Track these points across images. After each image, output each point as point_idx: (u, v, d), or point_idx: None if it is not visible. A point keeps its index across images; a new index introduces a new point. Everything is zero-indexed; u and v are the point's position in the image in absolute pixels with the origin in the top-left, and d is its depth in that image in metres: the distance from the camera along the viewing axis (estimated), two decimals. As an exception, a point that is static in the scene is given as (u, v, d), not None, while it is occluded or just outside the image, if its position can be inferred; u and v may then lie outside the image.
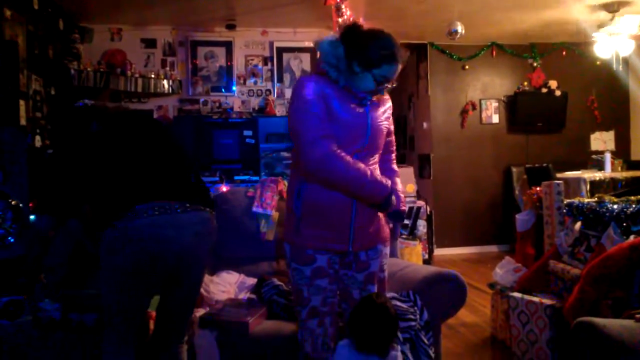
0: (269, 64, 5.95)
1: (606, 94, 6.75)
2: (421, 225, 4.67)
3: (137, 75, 5.33)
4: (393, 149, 2.07)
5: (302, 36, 5.98)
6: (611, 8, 5.04)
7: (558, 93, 6.60)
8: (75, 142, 1.98)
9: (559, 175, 5.22)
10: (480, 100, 6.68)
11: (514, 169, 6.54)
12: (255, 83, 5.91)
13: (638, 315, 1.94)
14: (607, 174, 5.41)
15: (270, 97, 5.86)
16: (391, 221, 2.00)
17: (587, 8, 5.15)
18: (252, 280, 2.71)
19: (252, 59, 5.93)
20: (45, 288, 2.24)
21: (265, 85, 5.93)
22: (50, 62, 4.49)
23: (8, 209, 2.32)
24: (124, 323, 1.82)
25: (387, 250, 2.03)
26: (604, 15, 5.21)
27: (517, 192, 5.91)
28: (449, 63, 6.59)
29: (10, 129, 2.56)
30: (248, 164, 4.26)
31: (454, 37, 5.05)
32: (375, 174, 1.83)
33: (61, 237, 2.19)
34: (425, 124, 6.75)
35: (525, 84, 6.68)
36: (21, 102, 3.67)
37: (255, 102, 5.88)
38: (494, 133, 6.70)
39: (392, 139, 2.05)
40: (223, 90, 5.85)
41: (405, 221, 4.60)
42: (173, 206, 1.78)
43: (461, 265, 5.71)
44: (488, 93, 6.70)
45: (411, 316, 2.20)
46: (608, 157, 5.58)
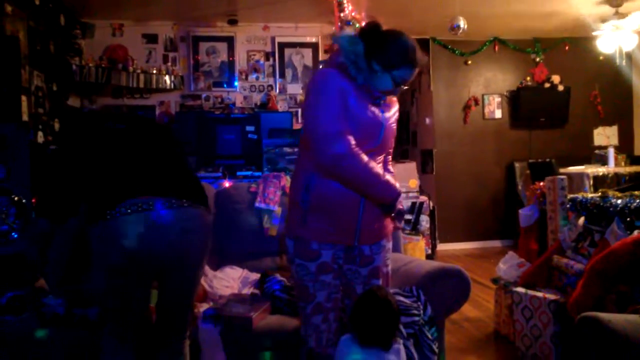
0: (271, 59, 5.93)
1: (609, 88, 6.73)
2: (424, 221, 4.67)
3: (139, 70, 5.32)
4: (391, 151, 2.07)
5: (304, 31, 5.96)
6: (614, 2, 5.02)
7: (561, 88, 6.58)
8: (70, 144, 1.97)
9: (562, 170, 5.21)
10: (482, 96, 6.66)
11: (516, 164, 6.52)
12: (257, 78, 5.90)
13: (643, 310, 1.93)
14: (611, 168, 5.40)
15: (272, 93, 5.85)
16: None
17: (591, 2, 5.12)
18: (256, 276, 2.71)
19: (254, 54, 5.91)
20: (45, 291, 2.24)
21: (267, 81, 5.92)
22: (52, 58, 4.49)
23: (11, 204, 2.32)
24: (119, 320, 1.81)
25: (390, 245, 2.03)
26: (607, 9, 5.18)
27: (520, 188, 5.92)
28: (452, 58, 6.57)
29: (13, 124, 2.56)
30: (250, 160, 4.25)
31: (456, 32, 5.03)
32: (388, 177, 1.83)
33: (61, 238, 2.18)
34: (427, 120, 6.74)
35: (528, 79, 6.66)
36: (23, 98, 3.67)
37: (257, 98, 5.87)
38: (496, 128, 6.68)
39: (392, 142, 2.06)
40: (225, 85, 5.84)
41: (407, 216, 4.60)
42: (157, 203, 1.75)
43: (464, 261, 5.71)
44: (491, 88, 6.68)
45: (415, 311, 2.20)
46: (611, 152, 5.57)
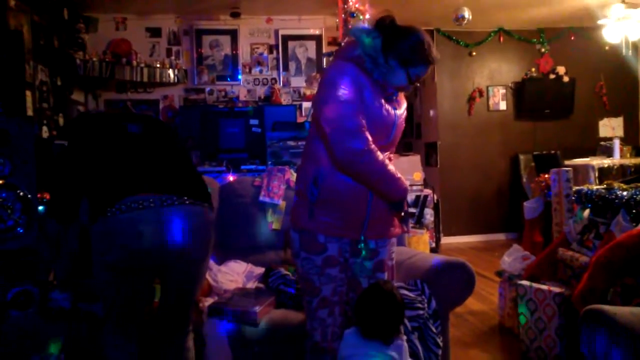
0: (275, 52, 5.92)
1: (615, 79, 6.67)
2: (428, 214, 4.66)
3: (143, 64, 5.32)
4: (393, 149, 2.07)
5: (307, 23, 5.93)
6: (621, -8, 4.96)
7: (566, 79, 6.53)
8: (74, 141, 1.95)
9: (567, 162, 5.18)
10: (487, 87, 6.62)
11: (521, 156, 6.49)
12: (260, 72, 5.89)
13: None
14: (616, 160, 5.36)
15: (276, 86, 5.83)
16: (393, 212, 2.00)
17: (597, -8, 5.08)
18: (260, 270, 2.72)
19: (258, 48, 5.90)
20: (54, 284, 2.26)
21: (271, 74, 5.91)
22: (56, 52, 4.49)
23: (17, 200, 2.32)
24: (121, 316, 1.81)
25: (395, 239, 2.03)
26: (613, -1, 5.13)
27: (525, 180, 5.89)
28: (456, 49, 6.53)
29: (17, 119, 2.55)
30: (254, 153, 4.24)
31: (460, 23, 5.00)
32: (399, 175, 1.82)
33: (70, 234, 2.19)
34: (431, 112, 6.71)
35: (533, 70, 6.61)
36: (27, 93, 3.67)
37: (261, 91, 5.86)
38: (501, 120, 6.65)
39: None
40: (228, 79, 5.84)
41: (412, 209, 4.60)
42: (156, 200, 1.74)
43: (468, 254, 5.70)
44: (495, 80, 6.64)
45: (419, 305, 2.20)
46: (617, 144, 5.53)
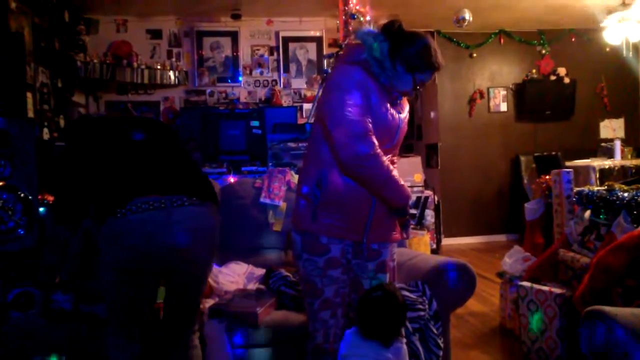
0: (275, 53, 5.92)
1: (616, 81, 6.67)
2: (429, 215, 4.65)
3: (144, 66, 5.33)
4: (397, 152, 2.07)
5: (308, 25, 5.94)
6: (621, -7, 4.97)
7: (567, 80, 6.54)
8: (79, 144, 1.94)
9: (568, 163, 5.17)
10: (488, 89, 6.62)
11: (522, 158, 6.49)
12: (261, 73, 5.90)
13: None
14: (617, 161, 5.36)
15: (277, 88, 5.84)
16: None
17: (597, -7, 5.08)
18: (261, 271, 2.72)
19: (258, 49, 5.90)
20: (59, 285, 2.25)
21: (272, 76, 5.91)
22: (57, 54, 4.50)
23: (17, 201, 2.33)
24: (125, 317, 1.81)
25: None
26: (613, 0, 5.13)
27: (526, 181, 5.89)
28: (457, 51, 6.53)
29: (18, 121, 2.56)
30: (255, 155, 4.24)
31: (461, 25, 5.00)
32: (400, 181, 1.83)
33: (77, 239, 2.19)
34: (432, 113, 6.71)
35: (533, 71, 6.62)
36: (28, 95, 3.68)
37: (261, 93, 5.87)
38: (502, 121, 6.65)
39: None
40: (229, 80, 5.84)
41: (412, 211, 4.60)
42: (166, 201, 1.74)
43: (469, 255, 5.70)
44: (496, 81, 6.65)
45: (420, 306, 2.20)
46: (618, 145, 5.53)
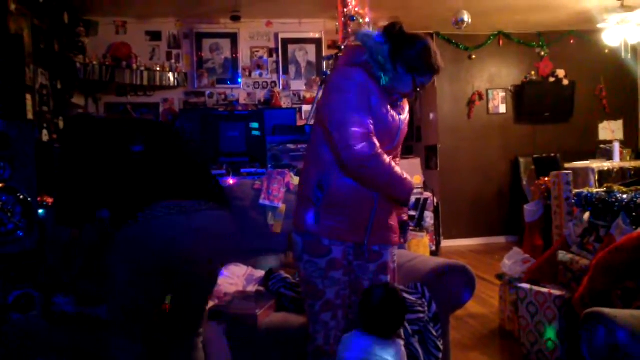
0: (274, 55, 5.93)
1: (615, 82, 6.68)
2: (428, 217, 4.66)
3: (143, 68, 5.33)
4: (398, 154, 2.07)
5: (307, 27, 5.95)
6: (620, -5, 4.98)
7: (566, 82, 6.54)
8: (90, 151, 1.92)
9: (567, 165, 5.18)
10: (487, 90, 6.63)
11: (521, 160, 6.50)
12: (260, 75, 5.90)
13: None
14: (616, 163, 5.36)
15: (276, 89, 5.85)
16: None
17: (596, -5, 5.09)
18: (260, 273, 2.72)
19: (257, 51, 5.91)
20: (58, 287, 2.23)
21: (271, 77, 5.92)
22: (56, 56, 4.50)
23: (17, 203, 2.32)
24: (132, 318, 1.81)
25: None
26: (612, 2, 5.14)
27: (525, 183, 5.89)
28: (456, 53, 6.54)
29: (17, 123, 2.56)
30: (254, 157, 4.24)
31: (460, 27, 5.01)
32: (402, 172, 1.84)
33: (81, 240, 2.17)
34: (431, 115, 6.72)
35: (532, 73, 6.62)
36: (27, 96, 3.68)
37: (260, 94, 5.87)
38: (501, 123, 6.66)
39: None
40: (228, 82, 5.84)
41: (411, 212, 4.60)
42: (188, 205, 1.74)
43: (469, 257, 5.70)
44: (495, 83, 6.65)
45: (419, 308, 2.20)
46: (617, 147, 5.53)
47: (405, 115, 1.93)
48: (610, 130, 6.74)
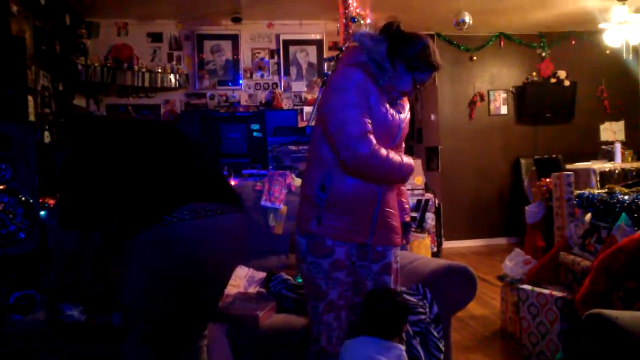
0: (276, 56, 5.93)
1: (616, 83, 6.68)
2: (429, 218, 4.65)
3: (144, 69, 5.34)
4: (402, 151, 2.08)
5: (309, 28, 5.95)
6: (621, -4, 4.98)
7: (567, 83, 6.54)
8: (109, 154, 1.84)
9: (568, 166, 5.18)
10: (488, 92, 6.63)
11: (522, 161, 6.49)
12: (261, 76, 5.90)
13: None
14: (617, 164, 5.36)
15: (277, 91, 5.85)
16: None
17: (597, -4, 5.09)
18: (261, 274, 2.71)
19: (259, 52, 5.91)
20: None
21: (272, 79, 5.92)
22: (58, 58, 4.50)
23: (18, 205, 2.33)
24: (150, 327, 1.76)
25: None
26: (613, 2, 5.14)
27: (526, 184, 5.88)
28: (457, 54, 6.54)
29: (19, 124, 2.57)
30: (256, 158, 4.24)
31: (461, 28, 5.01)
32: (399, 154, 1.87)
33: (87, 252, 2.13)
34: (432, 116, 6.71)
35: (533, 74, 6.62)
36: (29, 98, 3.69)
37: (262, 96, 5.87)
38: (502, 124, 6.66)
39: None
40: (230, 84, 5.85)
41: (413, 214, 4.60)
42: (213, 208, 1.73)
43: (470, 258, 5.70)
44: (496, 84, 6.65)
45: (421, 310, 2.20)
46: (618, 148, 5.53)
47: (406, 114, 1.93)
48: (612, 131, 6.74)
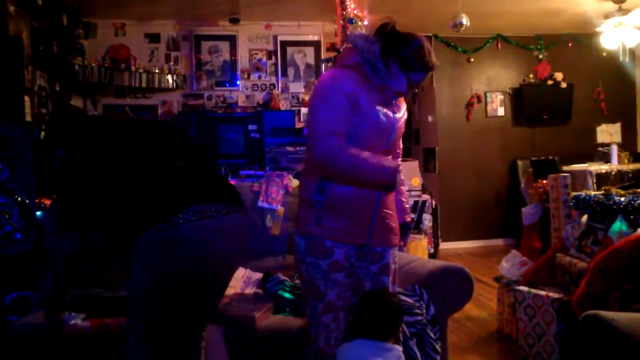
0: (273, 57, 5.93)
1: (612, 85, 6.70)
2: (426, 219, 4.66)
3: (142, 70, 5.33)
4: (399, 153, 2.08)
5: (306, 29, 5.95)
6: (618, -2, 4.99)
7: (564, 85, 6.56)
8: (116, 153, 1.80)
9: (565, 168, 5.19)
10: (485, 93, 6.64)
11: (519, 162, 6.51)
12: (259, 77, 5.90)
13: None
14: (614, 166, 5.38)
15: (275, 92, 5.84)
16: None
17: (594, -2, 5.10)
18: (258, 275, 2.71)
19: (256, 53, 5.91)
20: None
21: (270, 80, 5.92)
22: (55, 58, 4.49)
23: (14, 205, 2.32)
24: (152, 328, 1.73)
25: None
26: (610, 5, 5.16)
27: (523, 186, 5.90)
28: (454, 56, 6.55)
29: (16, 125, 2.57)
30: (253, 159, 4.25)
31: (458, 30, 5.01)
32: (380, 158, 1.80)
33: (87, 255, 2.09)
34: (430, 118, 6.72)
35: (530, 76, 6.64)
36: (26, 98, 3.67)
37: (259, 97, 5.87)
38: (499, 126, 6.67)
39: (400, 142, 2.06)
40: (227, 84, 5.84)
41: (410, 215, 4.61)
42: (218, 209, 1.72)
43: (467, 259, 5.70)
44: (493, 86, 6.67)
45: (417, 311, 2.20)
46: (614, 150, 5.55)
47: (401, 114, 1.92)
48: (608, 133, 6.76)
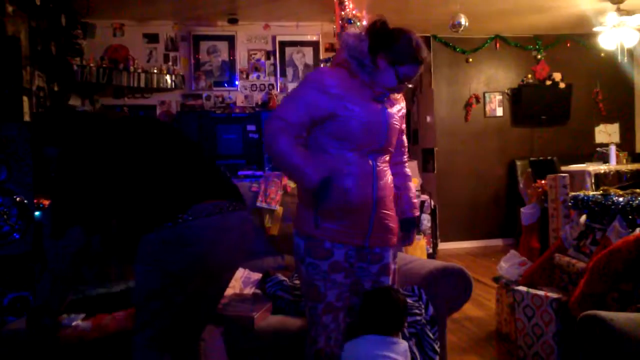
0: (272, 58, 5.93)
1: (611, 86, 6.71)
2: (425, 220, 4.66)
3: (140, 70, 5.33)
4: (405, 151, 2.07)
5: (305, 30, 5.95)
6: (616, -1, 5.00)
7: (562, 85, 6.57)
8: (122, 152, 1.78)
9: (563, 168, 5.21)
10: (484, 94, 6.65)
11: (518, 163, 6.52)
12: (258, 77, 5.90)
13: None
14: (612, 166, 5.39)
15: (273, 92, 5.84)
16: (402, 230, 2.04)
17: (592, -1, 5.11)
18: (257, 275, 2.71)
19: (255, 53, 5.91)
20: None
21: (268, 80, 5.91)
22: (53, 58, 4.49)
23: (13, 205, 2.32)
24: (159, 327, 1.72)
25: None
26: (608, 5, 5.17)
27: (521, 186, 5.90)
28: (453, 56, 6.56)
29: (14, 125, 2.56)
30: (252, 159, 4.26)
31: (457, 30, 5.02)
32: (309, 163, 1.75)
33: (89, 256, 2.07)
34: (428, 118, 6.73)
35: (529, 76, 6.65)
36: (24, 99, 3.67)
37: (258, 97, 5.86)
38: (498, 126, 6.68)
39: (404, 139, 2.05)
40: (226, 85, 5.84)
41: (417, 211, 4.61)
42: (224, 205, 1.72)
43: (465, 259, 5.70)
44: (492, 86, 6.67)
45: (417, 311, 2.20)
46: (613, 150, 5.57)
47: (395, 110, 1.91)
48: (607, 133, 6.77)
